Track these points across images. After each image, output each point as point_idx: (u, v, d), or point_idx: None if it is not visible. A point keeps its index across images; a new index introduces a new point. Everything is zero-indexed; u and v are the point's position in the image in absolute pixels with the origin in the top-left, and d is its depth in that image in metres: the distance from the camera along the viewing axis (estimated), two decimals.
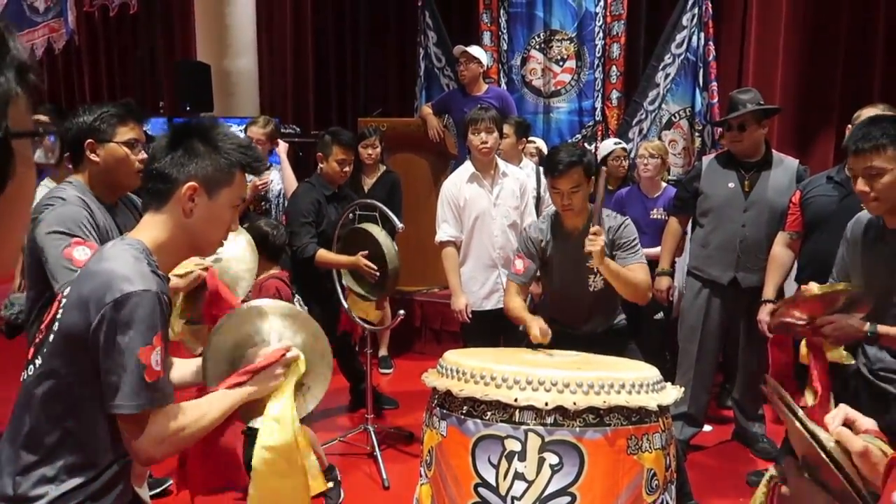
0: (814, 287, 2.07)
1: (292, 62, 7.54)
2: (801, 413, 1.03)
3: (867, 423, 1.12)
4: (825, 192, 2.96)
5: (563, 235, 2.71)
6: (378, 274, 3.39)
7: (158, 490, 2.95)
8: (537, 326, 2.45)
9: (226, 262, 2.25)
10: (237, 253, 2.36)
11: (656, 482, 1.86)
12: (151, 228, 1.39)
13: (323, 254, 3.45)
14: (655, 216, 3.99)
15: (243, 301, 1.92)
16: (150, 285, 1.27)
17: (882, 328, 1.99)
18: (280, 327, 1.60)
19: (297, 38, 7.52)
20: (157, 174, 1.39)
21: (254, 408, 1.53)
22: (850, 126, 2.97)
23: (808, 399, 2.11)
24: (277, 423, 1.51)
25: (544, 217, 2.86)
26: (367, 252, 3.38)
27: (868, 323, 2.00)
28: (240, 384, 1.48)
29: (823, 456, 0.93)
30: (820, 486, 0.95)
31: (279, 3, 7.50)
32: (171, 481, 2.93)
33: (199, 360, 1.60)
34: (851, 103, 3.15)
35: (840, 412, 1.14)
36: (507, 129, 3.87)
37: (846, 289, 2.07)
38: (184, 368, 1.59)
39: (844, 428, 1.09)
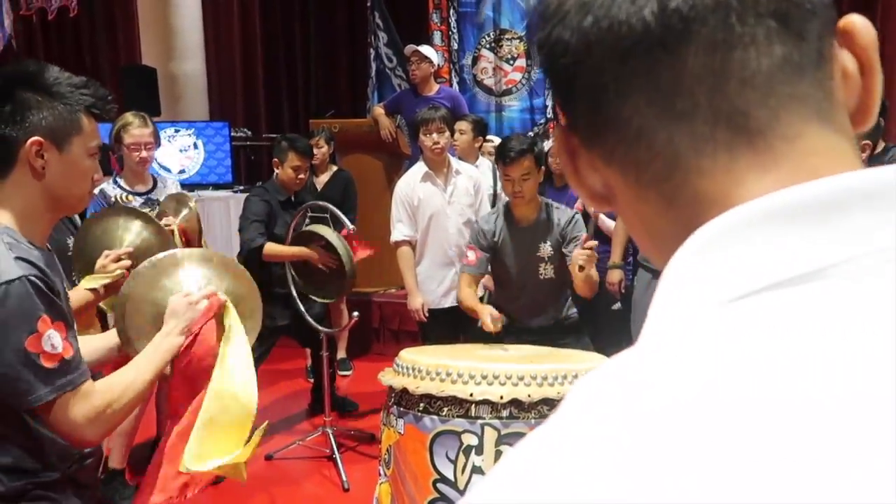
0: None
1: (241, 65, 7.45)
2: None
3: None
4: None
5: (514, 224, 2.77)
6: (335, 265, 3.36)
7: None
8: (488, 315, 2.49)
9: (138, 254, 1.98)
10: (144, 242, 2.08)
11: None
12: (5, 202, 1.24)
13: (272, 247, 3.40)
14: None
15: None
16: (9, 274, 1.15)
17: None
18: (199, 275, 1.48)
19: (246, 40, 7.43)
20: None
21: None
22: None
23: None
24: (234, 372, 1.39)
25: (495, 210, 2.92)
26: (323, 243, 3.36)
27: None
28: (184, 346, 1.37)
29: None
30: None
31: (226, 5, 7.40)
32: None
33: (104, 335, 1.50)
34: None
35: None
36: (464, 126, 3.88)
37: None
38: (91, 345, 1.46)
39: None
